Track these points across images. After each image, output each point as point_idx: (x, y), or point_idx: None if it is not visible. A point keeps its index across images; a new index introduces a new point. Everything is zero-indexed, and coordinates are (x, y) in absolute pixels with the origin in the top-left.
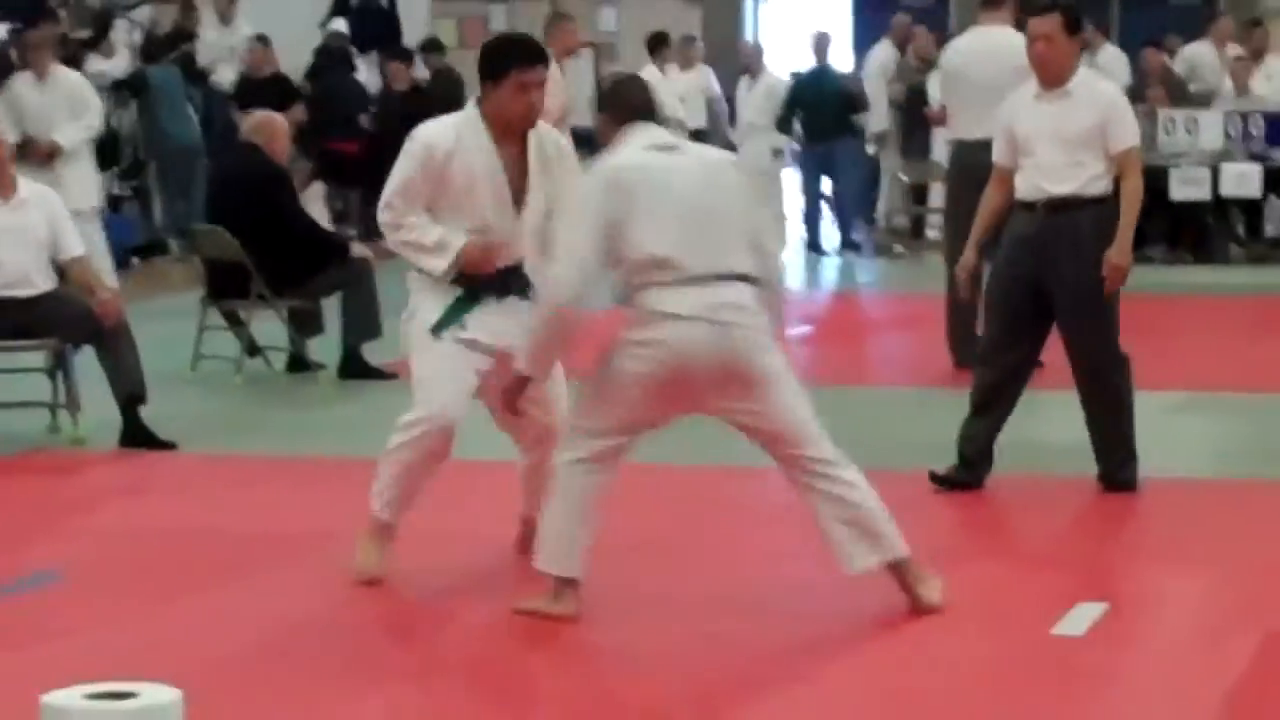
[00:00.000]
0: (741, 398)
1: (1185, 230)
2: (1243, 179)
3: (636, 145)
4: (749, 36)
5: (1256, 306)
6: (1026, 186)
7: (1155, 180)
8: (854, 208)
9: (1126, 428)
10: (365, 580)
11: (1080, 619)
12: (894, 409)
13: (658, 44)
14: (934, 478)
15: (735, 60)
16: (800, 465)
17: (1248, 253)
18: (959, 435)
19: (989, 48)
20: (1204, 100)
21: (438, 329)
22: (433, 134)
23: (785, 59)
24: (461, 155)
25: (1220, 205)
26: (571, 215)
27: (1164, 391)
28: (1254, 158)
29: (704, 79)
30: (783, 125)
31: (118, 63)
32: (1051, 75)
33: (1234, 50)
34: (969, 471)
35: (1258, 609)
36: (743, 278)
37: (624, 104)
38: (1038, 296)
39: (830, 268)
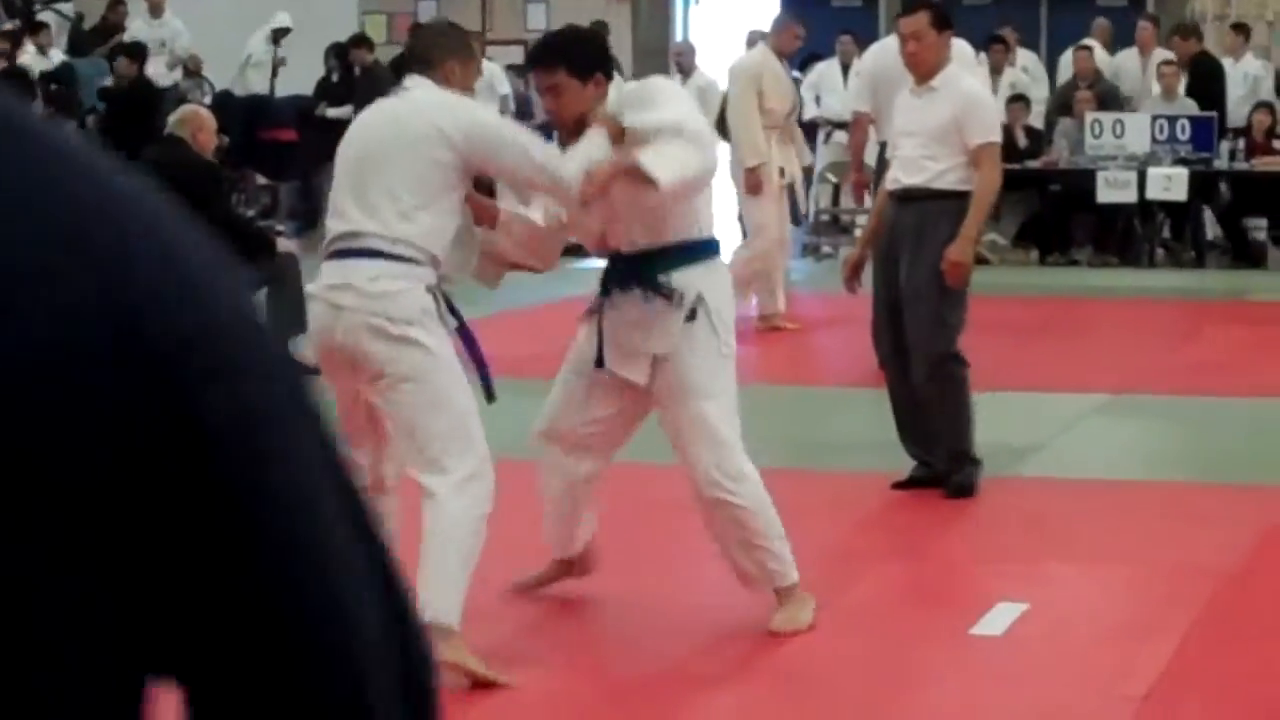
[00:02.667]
0: (374, 391)
1: (1111, 233)
2: (1169, 183)
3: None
4: (680, 36)
5: (1181, 310)
6: (889, 179)
7: (1082, 182)
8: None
9: (963, 431)
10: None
11: (1000, 619)
12: (822, 408)
13: None
14: (897, 485)
15: (665, 60)
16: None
17: (1173, 256)
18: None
19: None
20: (1131, 104)
21: None
22: None
23: (716, 59)
24: None
25: (1146, 209)
26: None
27: (1088, 393)
28: (1180, 162)
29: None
30: (721, 127)
31: (53, 56)
32: (922, 72)
33: (1162, 55)
34: (926, 469)
35: (1177, 609)
36: (375, 253)
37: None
38: (897, 284)
39: None
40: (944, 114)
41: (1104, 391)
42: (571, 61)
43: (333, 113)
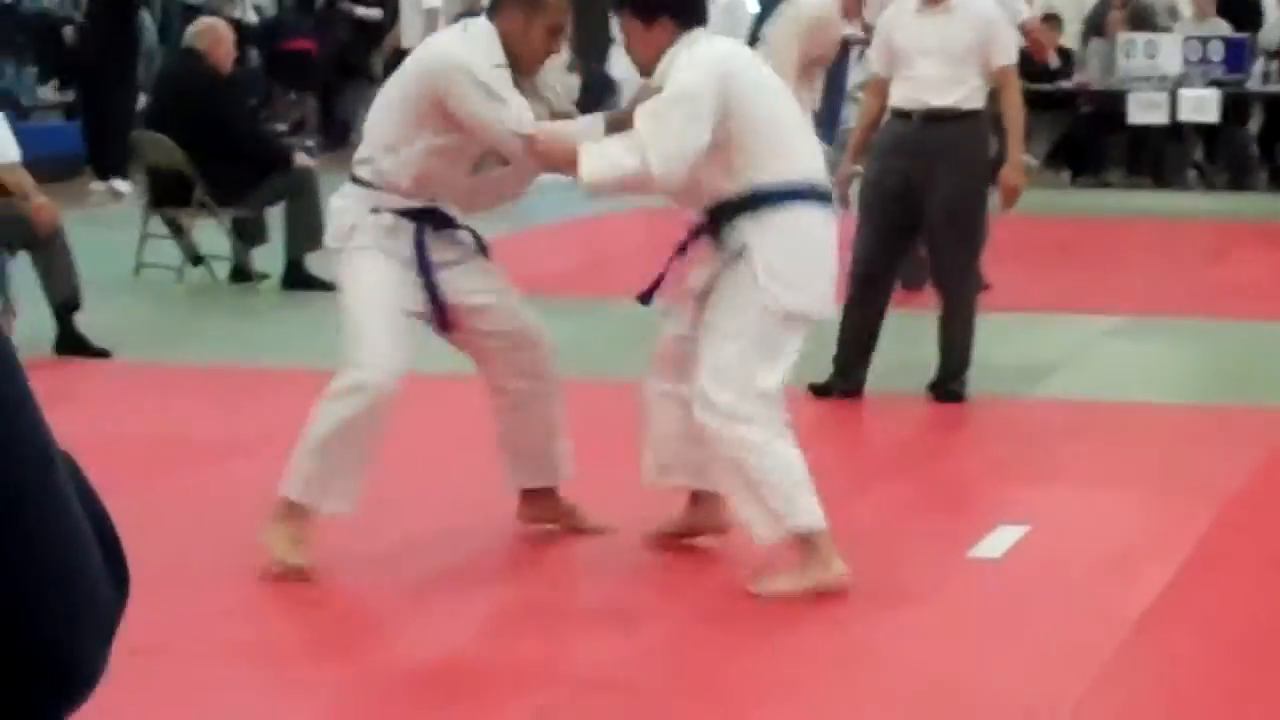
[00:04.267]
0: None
1: (1144, 154)
2: (1201, 104)
3: None
4: None
5: (1211, 232)
6: (903, 97)
7: (1114, 104)
8: None
9: (967, 342)
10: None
11: (999, 541)
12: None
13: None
14: (813, 388)
15: None
16: None
17: (1205, 179)
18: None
19: None
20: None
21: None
22: None
23: None
24: None
25: (1178, 130)
26: None
27: (1107, 315)
28: (1213, 83)
29: None
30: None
31: None
32: None
33: None
34: (844, 379)
35: (1180, 534)
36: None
37: None
38: (908, 206)
39: None
40: (966, 36)
41: (1124, 314)
42: (633, 3)
43: (361, 12)
